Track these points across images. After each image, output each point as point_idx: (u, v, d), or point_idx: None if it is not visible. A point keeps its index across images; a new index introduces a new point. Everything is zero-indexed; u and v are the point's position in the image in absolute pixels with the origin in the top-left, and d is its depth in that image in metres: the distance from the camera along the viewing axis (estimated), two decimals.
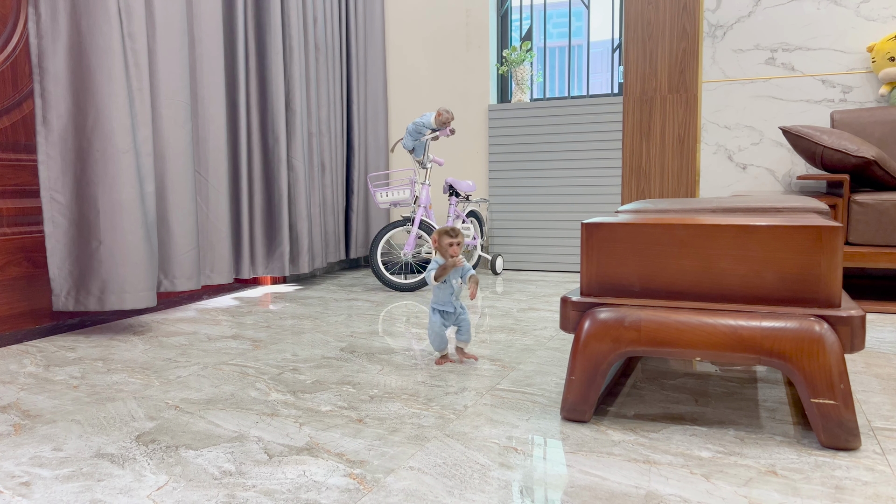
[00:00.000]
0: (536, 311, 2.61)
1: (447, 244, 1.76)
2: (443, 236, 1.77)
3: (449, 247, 1.75)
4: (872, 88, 3.11)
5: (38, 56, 2.17)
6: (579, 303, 1.37)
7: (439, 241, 1.77)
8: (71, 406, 1.52)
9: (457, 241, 1.75)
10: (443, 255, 1.78)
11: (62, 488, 1.10)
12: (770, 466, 1.15)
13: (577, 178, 3.70)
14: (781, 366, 1.20)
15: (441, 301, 1.82)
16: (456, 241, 1.75)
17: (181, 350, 2.05)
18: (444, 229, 1.77)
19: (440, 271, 1.76)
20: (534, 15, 4.00)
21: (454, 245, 1.75)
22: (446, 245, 1.76)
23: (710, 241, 1.28)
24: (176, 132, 2.55)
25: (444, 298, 1.82)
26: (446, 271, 1.76)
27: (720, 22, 3.37)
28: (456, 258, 1.75)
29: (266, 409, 1.49)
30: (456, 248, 1.75)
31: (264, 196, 3.18)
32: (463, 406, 1.48)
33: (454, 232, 1.76)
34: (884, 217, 2.50)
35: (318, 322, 2.45)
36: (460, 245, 1.76)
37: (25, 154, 2.32)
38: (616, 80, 3.80)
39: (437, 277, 1.76)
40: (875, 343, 2.04)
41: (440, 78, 4.02)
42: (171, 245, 2.56)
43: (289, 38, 3.23)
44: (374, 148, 4.05)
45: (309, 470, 1.16)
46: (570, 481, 1.10)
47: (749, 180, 3.38)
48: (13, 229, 2.28)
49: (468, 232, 3.52)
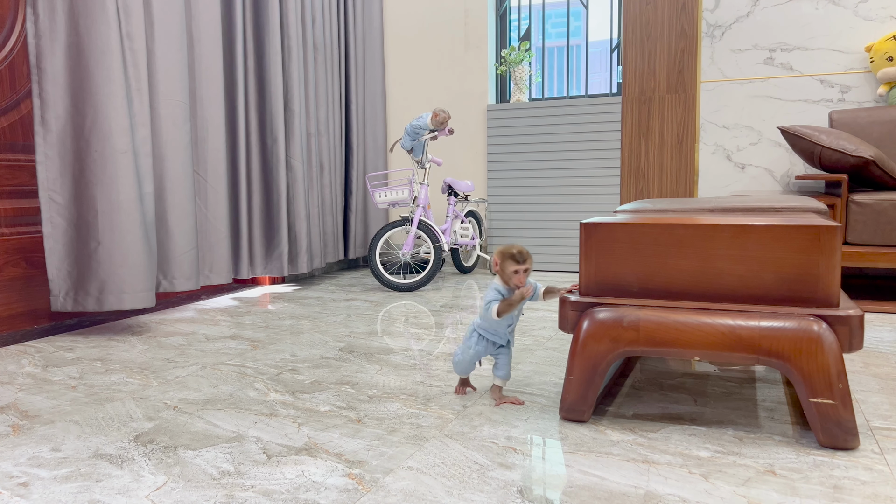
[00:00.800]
0: (535, 311, 2.61)
1: (511, 272, 1.39)
2: (507, 261, 1.39)
3: (514, 275, 1.39)
4: (871, 88, 3.12)
5: (37, 56, 2.17)
6: (578, 303, 1.37)
7: (501, 266, 1.41)
8: (69, 406, 1.52)
9: (524, 268, 1.38)
10: (505, 283, 1.42)
11: (60, 489, 1.10)
12: (769, 466, 1.15)
13: (575, 178, 3.70)
14: (780, 365, 1.20)
15: (494, 330, 1.48)
16: (523, 267, 1.38)
17: (180, 350, 2.05)
18: (509, 251, 1.39)
19: (505, 307, 1.40)
20: (532, 15, 4.00)
21: (520, 273, 1.39)
22: (510, 273, 1.39)
23: (709, 241, 1.29)
24: (174, 132, 2.55)
25: (500, 329, 1.47)
26: (512, 307, 1.40)
27: (719, 22, 3.37)
28: (523, 288, 1.38)
29: (265, 409, 1.49)
30: (522, 277, 1.39)
31: (263, 196, 3.18)
32: (462, 406, 1.48)
33: (521, 256, 1.38)
34: (882, 217, 2.51)
35: (316, 322, 2.45)
36: (528, 272, 1.40)
37: (24, 154, 2.32)
38: (615, 80, 3.80)
39: (502, 313, 1.40)
40: (873, 343, 2.05)
41: (439, 78, 4.02)
42: (170, 245, 2.56)
43: (287, 38, 3.23)
44: (373, 148, 4.05)
45: (308, 470, 1.16)
46: (569, 481, 1.10)
47: (747, 180, 3.39)
48: (11, 230, 2.28)
49: (467, 232, 3.52)
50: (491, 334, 1.48)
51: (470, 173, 3.99)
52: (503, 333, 1.48)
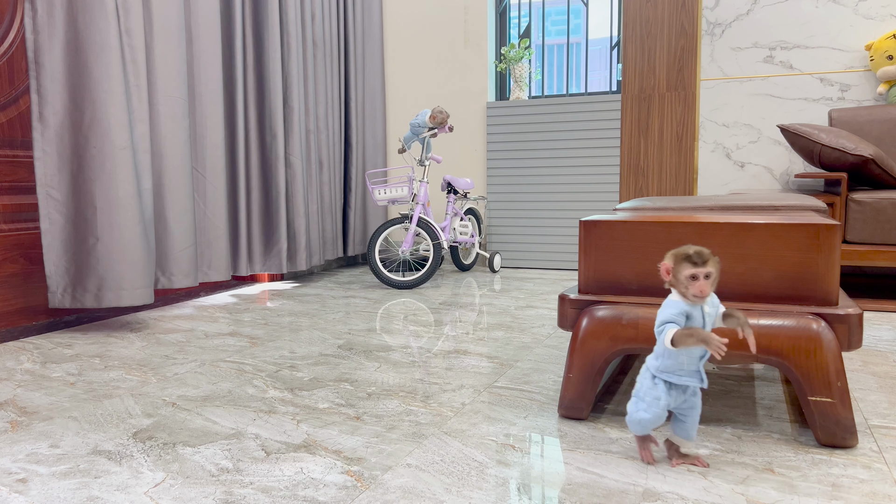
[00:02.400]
0: (534, 309, 2.61)
1: (687, 277, 1.03)
2: (681, 264, 1.04)
3: (691, 282, 1.03)
4: (871, 87, 3.12)
5: (35, 52, 2.17)
6: (577, 300, 1.37)
7: (674, 271, 1.05)
8: (68, 403, 1.52)
9: (704, 273, 1.02)
10: (680, 293, 1.06)
11: (59, 485, 1.10)
12: (767, 464, 1.15)
13: (575, 175, 3.70)
14: (779, 364, 1.20)
15: (678, 366, 1.09)
16: (703, 271, 1.02)
17: (178, 347, 2.05)
18: (684, 252, 1.04)
19: (683, 337, 1.02)
20: (532, 12, 3.99)
21: (699, 279, 1.02)
22: (686, 279, 1.03)
23: (708, 239, 1.28)
24: (173, 129, 2.54)
25: (689, 362, 1.08)
26: (693, 338, 1.01)
27: (719, 20, 3.37)
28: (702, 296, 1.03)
29: (263, 406, 1.48)
30: (704, 285, 1.02)
31: (262, 193, 3.18)
32: (461, 403, 1.48)
33: (700, 257, 1.02)
34: (881, 215, 2.51)
35: (315, 319, 2.45)
36: (710, 278, 1.02)
37: (22, 150, 2.31)
38: (614, 78, 3.79)
39: (678, 344, 1.02)
40: (872, 341, 2.05)
41: (438, 75, 4.01)
42: (169, 242, 2.56)
43: (287, 34, 3.22)
44: (372, 145, 4.05)
45: (306, 467, 1.16)
46: (568, 479, 1.10)
47: (747, 178, 3.39)
48: (9, 226, 2.27)
49: (466, 230, 3.51)
50: (673, 371, 1.08)
51: (469, 171, 3.99)
52: (693, 369, 1.08)
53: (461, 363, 1.83)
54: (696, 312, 1.06)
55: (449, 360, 1.86)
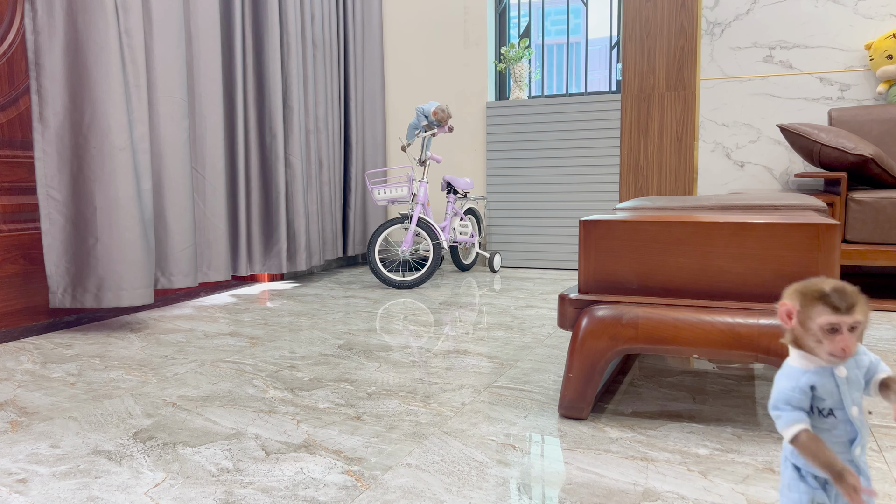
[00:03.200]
0: (534, 309, 2.61)
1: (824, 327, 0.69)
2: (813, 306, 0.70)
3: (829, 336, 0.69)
4: (870, 86, 3.12)
5: (35, 52, 2.17)
6: (577, 300, 1.37)
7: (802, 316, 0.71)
8: (68, 403, 1.52)
9: (850, 324, 0.68)
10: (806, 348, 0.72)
11: (59, 485, 1.10)
12: (767, 464, 1.15)
13: (575, 175, 3.70)
14: (778, 363, 1.20)
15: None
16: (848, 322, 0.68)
17: (178, 347, 2.05)
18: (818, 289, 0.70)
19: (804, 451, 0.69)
20: (532, 12, 3.99)
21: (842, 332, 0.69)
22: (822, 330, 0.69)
23: (708, 238, 1.29)
24: (173, 129, 2.54)
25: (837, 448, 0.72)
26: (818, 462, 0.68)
27: (718, 19, 3.37)
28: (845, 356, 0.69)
29: (263, 406, 1.48)
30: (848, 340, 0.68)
31: (262, 193, 3.18)
32: (461, 403, 1.48)
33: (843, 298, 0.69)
34: (881, 215, 2.51)
35: (315, 319, 2.45)
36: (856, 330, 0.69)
37: (22, 151, 2.31)
38: (614, 78, 3.79)
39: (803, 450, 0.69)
40: (872, 341, 2.05)
41: (438, 75, 4.02)
42: (168, 242, 2.56)
43: (286, 34, 3.22)
44: (372, 145, 4.05)
45: (306, 467, 1.16)
46: (568, 478, 1.10)
47: (747, 178, 3.39)
48: (9, 226, 2.27)
49: (466, 230, 3.51)
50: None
51: (469, 171, 3.99)
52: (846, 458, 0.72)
53: (461, 363, 1.83)
54: (828, 380, 0.71)
55: (449, 359, 1.86)
